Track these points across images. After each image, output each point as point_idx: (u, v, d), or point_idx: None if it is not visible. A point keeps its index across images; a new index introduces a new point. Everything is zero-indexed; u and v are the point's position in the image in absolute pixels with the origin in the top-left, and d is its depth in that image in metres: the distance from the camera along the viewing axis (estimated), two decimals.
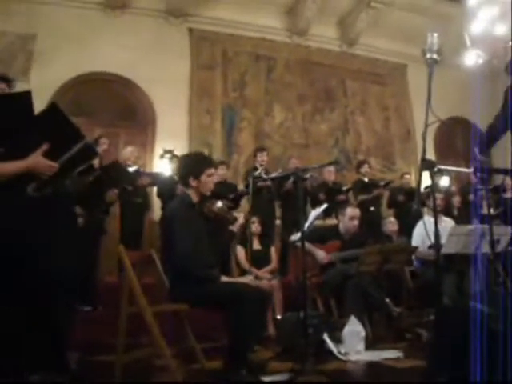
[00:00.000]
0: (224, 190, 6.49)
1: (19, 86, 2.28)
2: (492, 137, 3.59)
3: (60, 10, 8.20)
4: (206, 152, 8.18)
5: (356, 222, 5.05)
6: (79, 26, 8.25)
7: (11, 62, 7.79)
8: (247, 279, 3.52)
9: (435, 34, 2.79)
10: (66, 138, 2.38)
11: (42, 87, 7.31)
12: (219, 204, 3.55)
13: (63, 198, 2.79)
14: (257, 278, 5.33)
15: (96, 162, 4.60)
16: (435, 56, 2.78)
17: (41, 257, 2.32)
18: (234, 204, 6.71)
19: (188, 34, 9.15)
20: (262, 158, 7.20)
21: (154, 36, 8.74)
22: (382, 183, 7.68)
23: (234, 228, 3.67)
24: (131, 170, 6.29)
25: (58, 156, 2.35)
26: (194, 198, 3.42)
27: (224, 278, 3.38)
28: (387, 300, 4.47)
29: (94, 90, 8.40)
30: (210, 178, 3.45)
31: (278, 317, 4.91)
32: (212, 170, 3.49)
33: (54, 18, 8.14)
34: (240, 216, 3.76)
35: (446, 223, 5.38)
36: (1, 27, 7.92)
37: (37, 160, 2.26)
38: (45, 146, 2.27)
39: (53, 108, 2.37)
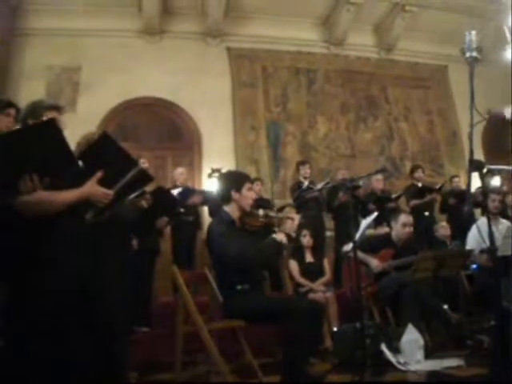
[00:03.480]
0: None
1: (67, 117, 2.35)
2: None
3: (101, 40, 8.47)
4: (253, 169, 8.28)
5: (409, 229, 4.95)
6: (120, 54, 8.50)
7: (59, 95, 8.09)
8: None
9: (473, 32, 2.74)
10: (119, 164, 2.43)
11: (88, 116, 7.58)
12: (261, 212, 3.55)
13: (119, 223, 2.86)
14: (311, 290, 5.32)
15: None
16: (475, 54, 2.73)
17: (102, 283, 2.37)
18: None
19: (227, 53, 9.26)
20: (305, 170, 7.23)
21: (194, 58, 8.90)
22: (436, 187, 7.54)
23: (289, 230, 3.60)
24: (177, 191, 6.27)
25: (112, 183, 2.40)
26: (235, 214, 3.45)
27: None
28: (445, 306, 4.37)
29: (139, 115, 8.61)
30: (250, 193, 3.50)
31: (335, 329, 4.87)
32: (251, 185, 3.55)
33: (96, 49, 8.42)
34: (295, 216, 3.67)
35: (504, 226, 5.21)
36: (48, 62, 8.25)
37: (92, 188, 2.31)
38: (99, 174, 2.32)
39: (104, 137, 2.43)
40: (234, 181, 3.54)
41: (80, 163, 2.34)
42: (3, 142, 2.10)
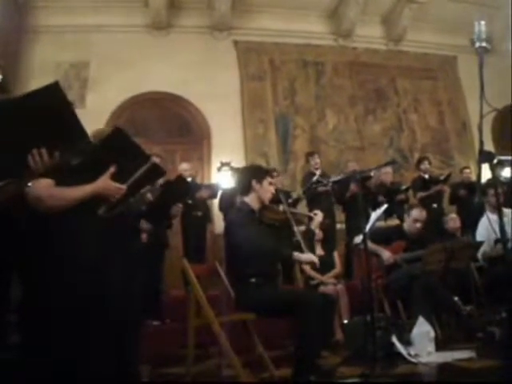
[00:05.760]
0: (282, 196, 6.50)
1: (76, 112, 2.34)
2: None
3: (108, 36, 8.52)
4: (262, 162, 8.27)
5: (419, 225, 4.92)
6: (128, 49, 8.54)
7: (68, 91, 8.09)
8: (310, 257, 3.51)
9: (482, 22, 2.70)
10: (131, 159, 2.43)
11: (97, 111, 7.61)
12: (281, 208, 3.56)
13: (127, 216, 2.86)
14: (322, 283, 5.32)
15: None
16: (484, 44, 2.69)
17: (113, 278, 2.38)
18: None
19: (234, 46, 9.27)
20: (315, 161, 7.19)
21: (201, 52, 8.92)
22: (441, 178, 7.50)
23: (313, 226, 3.62)
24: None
25: (125, 178, 2.41)
26: (255, 205, 3.47)
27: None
28: (456, 298, 4.36)
29: (148, 109, 8.64)
30: (270, 187, 3.52)
31: (345, 321, 4.87)
32: (272, 180, 3.57)
33: (104, 44, 8.46)
34: (318, 214, 3.68)
35: (508, 216, 5.18)
36: (56, 58, 8.30)
37: (105, 183, 2.31)
38: (112, 169, 2.32)
39: (117, 131, 2.42)
40: (255, 172, 3.61)
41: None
42: (5, 112, 2.07)
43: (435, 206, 7.24)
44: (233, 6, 8.95)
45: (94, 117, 6.65)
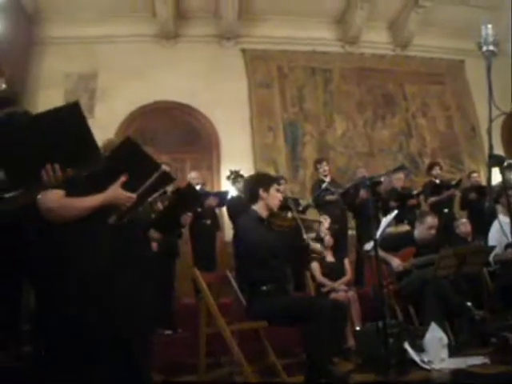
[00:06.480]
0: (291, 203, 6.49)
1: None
2: None
3: (116, 46, 8.59)
4: (271, 169, 8.28)
5: (433, 232, 4.92)
6: (136, 59, 8.58)
7: None
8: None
9: (489, 26, 2.70)
10: (142, 168, 2.44)
11: (106, 122, 7.65)
12: (289, 214, 3.56)
13: (137, 225, 2.87)
14: (333, 290, 5.30)
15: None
16: (492, 48, 2.68)
17: (124, 286, 2.38)
18: None
19: (242, 54, 9.30)
20: (323, 168, 7.17)
21: (209, 61, 8.94)
22: (453, 183, 7.46)
23: (322, 233, 3.62)
24: None
25: (135, 186, 2.42)
26: (263, 213, 3.47)
27: None
28: (468, 304, 4.32)
29: (157, 119, 8.67)
30: (278, 194, 3.52)
31: (358, 328, 4.85)
32: (280, 187, 3.58)
33: (112, 55, 8.53)
34: (325, 219, 3.69)
35: None
36: (65, 69, 8.37)
37: (116, 192, 2.33)
38: (123, 178, 2.33)
39: (128, 141, 2.44)
40: (262, 180, 3.62)
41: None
42: (24, 126, 2.12)
43: (446, 210, 7.20)
44: (240, 15, 8.99)
45: (103, 127, 6.71)
